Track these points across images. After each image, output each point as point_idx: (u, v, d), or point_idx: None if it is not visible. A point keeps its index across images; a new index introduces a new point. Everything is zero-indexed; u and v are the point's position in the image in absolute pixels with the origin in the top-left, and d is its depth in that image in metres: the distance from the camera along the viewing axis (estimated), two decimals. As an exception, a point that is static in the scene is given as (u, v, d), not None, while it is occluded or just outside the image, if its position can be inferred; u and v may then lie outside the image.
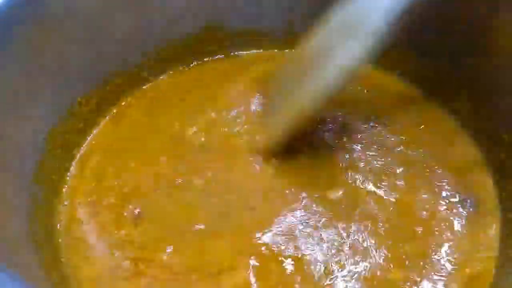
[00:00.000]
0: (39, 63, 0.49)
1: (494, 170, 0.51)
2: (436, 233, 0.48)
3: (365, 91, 0.59)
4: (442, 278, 0.45)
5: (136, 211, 0.50)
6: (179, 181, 0.51)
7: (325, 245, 0.47)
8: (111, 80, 0.57)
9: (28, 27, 0.47)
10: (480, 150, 0.53)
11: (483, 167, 0.52)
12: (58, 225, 0.49)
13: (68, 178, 0.53)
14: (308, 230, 0.48)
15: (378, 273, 0.45)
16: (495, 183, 0.51)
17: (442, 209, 0.49)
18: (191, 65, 0.62)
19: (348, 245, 0.47)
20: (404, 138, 0.55)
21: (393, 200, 0.50)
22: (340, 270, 0.45)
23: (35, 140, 0.49)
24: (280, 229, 0.48)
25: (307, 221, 0.48)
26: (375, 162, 0.52)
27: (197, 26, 0.60)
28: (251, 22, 0.62)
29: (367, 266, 0.46)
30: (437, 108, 0.57)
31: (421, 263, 0.46)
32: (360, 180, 0.51)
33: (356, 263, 0.46)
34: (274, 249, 0.46)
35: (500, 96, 0.50)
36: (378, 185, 0.51)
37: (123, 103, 0.59)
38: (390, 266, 0.46)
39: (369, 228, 0.48)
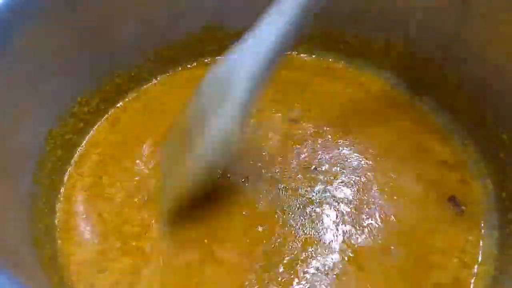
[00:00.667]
0: (39, 63, 0.49)
1: (494, 170, 0.51)
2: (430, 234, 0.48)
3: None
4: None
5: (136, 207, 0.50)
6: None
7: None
8: (111, 80, 0.57)
9: (28, 27, 0.47)
10: (480, 150, 0.53)
11: (482, 167, 0.52)
12: (58, 224, 0.49)
13: (68, 178, 0.53)
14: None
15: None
16: (495, 183, 0.51)
17: (436, 208, 0.50)
18: (191, 65, 0.62)
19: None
20: (399, 138, 0.55)
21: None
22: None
23: (35, 140, 0.50)
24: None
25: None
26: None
27: (197, 26, 0.60)
28: (251, 22, 0.61)
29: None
30: (436, 108, 0.57)
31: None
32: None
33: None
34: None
35: (500, 96, 0.50)
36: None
37: (123, 103, 0.59)
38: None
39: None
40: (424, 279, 0.45)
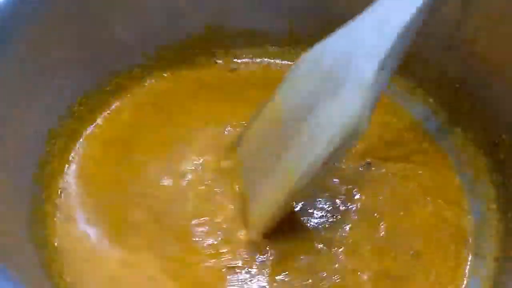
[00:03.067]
0: (39, 63, 0.49)
1: (494, 170, 0.51)
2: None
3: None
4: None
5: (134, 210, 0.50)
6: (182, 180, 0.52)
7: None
8: (111, 80, 0.57)
9: (28, 27, 0.47)
10: (480, 150, 0.53)
11: (482, 167, 0.52)
12: (58, 224, 0.49)
13: (69, 178, 0.53)
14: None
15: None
16: (495, 183, 0.51)
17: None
18: (192, 65, 0.62)
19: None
20: (399, 140, 0.55)
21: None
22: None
23: (35, 140, 0.49)
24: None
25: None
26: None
27: (197, 26, 0.60)
28: (251, 22, 0.62)
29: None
30: (435, 108, 0.57)
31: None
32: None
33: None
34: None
35: (500, 96, 0.50)
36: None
37: (123, 103, 0.59)
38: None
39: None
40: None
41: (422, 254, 0.47)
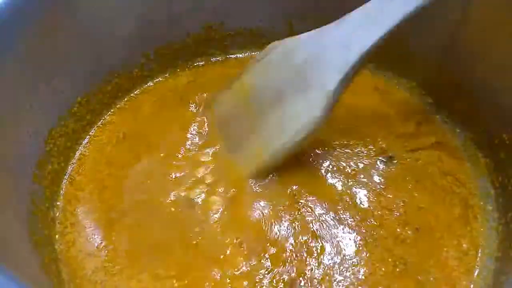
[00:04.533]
0: (39, 63, 0.49)
1: (494, 170, 0.51)
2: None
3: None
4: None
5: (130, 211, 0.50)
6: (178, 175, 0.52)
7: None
8: (111, 80, 0.57)
9: (28, 27, 0.47)
10: (480, 150, 0.53)
11: (482, 167, 0.52)
12: (58, 224, 0.49)
13: (68, 177, 0.53)
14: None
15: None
16: (495, 183, 0.51)
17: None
18: (191, 65, 0.62)
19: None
20: (399, 140, 0.55)
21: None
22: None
23: (35, 140, 0.50)
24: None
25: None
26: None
27: (197, 26, 0.60)
28: (251, 22, 0.62)
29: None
30: (435, 108, 0.57)
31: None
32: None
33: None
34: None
35: (500, 96, 0.50)
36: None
37: (122, 103, 0.59)
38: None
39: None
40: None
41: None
